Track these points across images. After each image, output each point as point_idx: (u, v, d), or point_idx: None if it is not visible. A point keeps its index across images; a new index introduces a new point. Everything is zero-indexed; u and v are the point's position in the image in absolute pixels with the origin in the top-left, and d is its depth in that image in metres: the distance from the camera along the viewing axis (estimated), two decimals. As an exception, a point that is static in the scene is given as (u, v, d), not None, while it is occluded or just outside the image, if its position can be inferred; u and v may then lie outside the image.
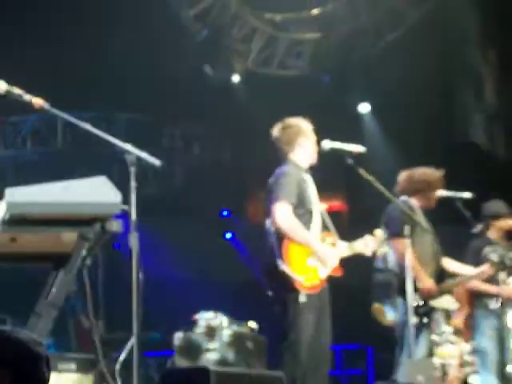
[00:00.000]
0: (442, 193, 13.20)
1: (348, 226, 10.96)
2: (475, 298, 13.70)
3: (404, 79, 21.88)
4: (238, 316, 13.51)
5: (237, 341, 13.03)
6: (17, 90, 9.25)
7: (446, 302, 12.16)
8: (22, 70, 9.67)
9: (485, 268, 12.98)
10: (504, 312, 13.78)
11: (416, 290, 11.37)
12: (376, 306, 11.77)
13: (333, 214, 11.22)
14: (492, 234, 13.80)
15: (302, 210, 10.09)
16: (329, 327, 10.52)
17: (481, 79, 23.48)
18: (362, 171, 11.41)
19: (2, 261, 9.13)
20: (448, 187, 13.18)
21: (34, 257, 9.27)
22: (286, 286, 9.90)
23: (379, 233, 11.60)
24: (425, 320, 11.72)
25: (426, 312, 11.67)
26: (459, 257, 13.83)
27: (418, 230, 11.71)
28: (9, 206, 8.60)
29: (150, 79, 21.37)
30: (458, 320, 13.87)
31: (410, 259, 11.21)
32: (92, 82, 20.20)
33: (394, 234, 11.43)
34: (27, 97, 9.24)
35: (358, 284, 14.83)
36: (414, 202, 11.50)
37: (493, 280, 13.65)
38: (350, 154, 11.12)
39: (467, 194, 13.35)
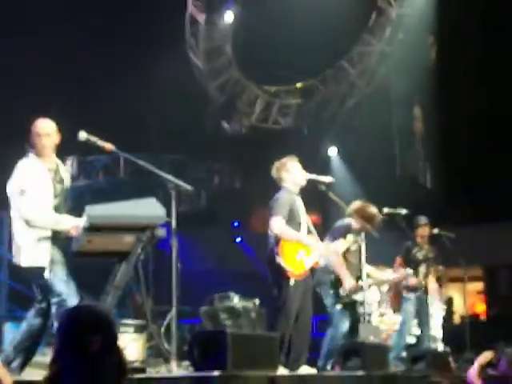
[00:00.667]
0: (387, 210, 12.80)
1: (321, 233, 10.62)
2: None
3: (360, 131, 21.57)
4: (246, 295, 13.24)
5: (245, 312, 12.93)
6: (93, 138, 9.01)
7: (361, 295, 11.86)
8: (93, 121, 9.31)
9: (394, 277, 12.87)
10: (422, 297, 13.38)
11: (341, 285, 11.29)
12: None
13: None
14: (418, 238, 13.36)
15: (293, 222, 9.77)
16: (310, 303, 10.17)
17: (412, 132, 23.25)
18: (330, 194, 11.33)
19: (81, 256, 8.93)
20: (391, 206, 12.81)
21: (104, 253, 9.01)
22: (280, 274, 9.73)
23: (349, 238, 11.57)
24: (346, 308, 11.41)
25: (347, 301, 11.28)
26: (397, 253, 13.64)
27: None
28: (87, 218, 8.50)
29: (185, 131, 20.99)
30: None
31: (338, 262, 11.36)
32: (143, 131, 19.77)
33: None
34: (100, 142, 8.97)
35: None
36: (355, 224, 11.11)
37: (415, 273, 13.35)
38: (322, 183, 10.88)
39: (404, 211, 12.98)
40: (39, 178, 8.67)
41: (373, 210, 11.77)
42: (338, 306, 11.42)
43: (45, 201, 8.65)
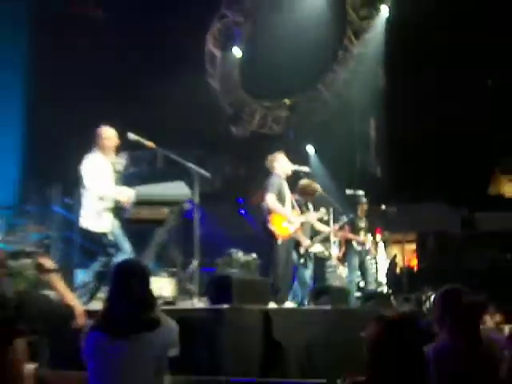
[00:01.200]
0: (349, 192, 12.92)
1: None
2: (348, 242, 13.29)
3: (331, 135, 21.57)
4: (247, 251, 13.23)
5: (246, 263, 12.97)
6: (140, 138, 8.99)
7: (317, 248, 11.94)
8: (140, 126, 9.34)
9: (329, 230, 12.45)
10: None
11: (300, 245, 11.25)
12: None
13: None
14: (359, 212, 13.24)
15: (281, 199, 9.87)
16: (292, 257, 10.36)
17: (368, 137, 23.21)
18: (309, 179, 11.67)
19: (132, 222, 9.12)
20: (352, 189, 12.86)
21: (148, 220, 9.06)
22: (271, 236, 9.77)
23: (322, 211, 11.39)
24: (307, 259, 11.35)
25: (306, 255, 11.23)
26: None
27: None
28: (136, 195, 8.82)
29: (205, 133, 21.01)
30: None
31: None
32: (175, 133, 19.74)
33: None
34: (144, 141, 8.90)
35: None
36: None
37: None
38: (302, 171, 11.04)
39: (361, 192, 13.03)
40: (103, 167, 8.82)
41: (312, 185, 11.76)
42: (301, 260, 11.44)
43: (108, 182, 8.76)
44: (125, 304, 4.10)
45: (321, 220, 11.91)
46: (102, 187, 8.74)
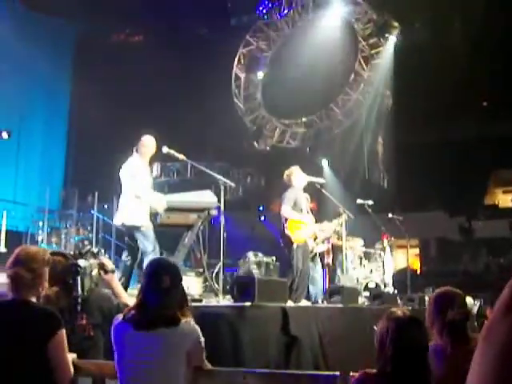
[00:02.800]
0: (359, 201, 12.73)
1: (316, 215, 10.63)
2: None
3: (343, 150, 21.52)
4: (267, 253, 13.09)
5: (266, 265, 12.81)
6: (172, 151, 8.99)
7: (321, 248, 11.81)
8: (172, 140, 9.32)
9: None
10: None
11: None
12: None
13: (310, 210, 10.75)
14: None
15: (297, 208, 9.81)
16: (308, 260, 10.21)
17: (376, 152, 23.09)
18: (323, 190, 11.30)
19: (163, 227, 9.03)
20: (362, 198, 12.68)
21: (177, 225, 8.92)
22: (288, 240, 9.59)
23: (335, 222, 11.27)
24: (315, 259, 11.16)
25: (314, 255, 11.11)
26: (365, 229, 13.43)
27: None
28: (167, 202, 8.36)
29: (230, 147, 21.11)
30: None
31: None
32: (203, 147, 19.80)
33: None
34: (176, 154, 8.94)
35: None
36: None
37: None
38: (317, 183, 10.86)
39: (370, 202, 12.83)
40: (142, 170, 8.82)
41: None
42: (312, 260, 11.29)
43: (146, 184, 8.76)
44: (155, 298, 3.99)
45: (334, 231, 11.86)
46: (140, 186, 8.72)
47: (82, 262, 4.80)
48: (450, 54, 19.52)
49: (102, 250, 5.23)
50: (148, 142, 9.09)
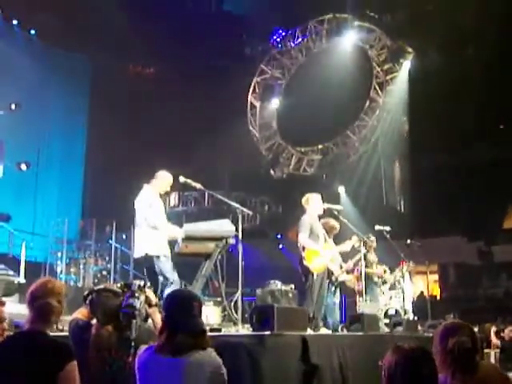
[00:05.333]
0: (377, 227, 12.60)
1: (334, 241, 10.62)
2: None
3: (360, 176, 21.53)
4: (285, 281, 13.00)
5: (285, 293, 12.63)
6: (189, 180, 9.01)
7: (345, 277, 11.80)
8: (189, 171, 9.37)
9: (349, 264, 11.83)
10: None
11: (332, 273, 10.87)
12: None
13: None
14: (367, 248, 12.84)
15: (313, 235, 9.66)
16: (326, 289, 10.13)
17: (393, 177, 23.05)
18: (341, 217, 11.05)
19: (181, 256, 9.06)
20: (380, 224, 12.60)
21: (195, 254, 8.94)
22: (307, 270, 9.51)
23: (354, 239, 11.15)
24: (336, 287, 11.36)
25: (336, 283, 11.25)
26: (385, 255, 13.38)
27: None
28: (185, 232, 8.39)
29: (246, 176, 21.16)
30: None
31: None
32: (219, 176, 19.86)
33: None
34: (193, 183, 8.95)
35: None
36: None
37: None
38: (335, 209, 10.75)
39: (388, 228, 12.71)
40: (157, 201, 8.82)
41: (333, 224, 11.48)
42: (332, 288, 11.21)
43: (162, 216, 8.78)
44: (187, 323, 4.04)
45: (353, 247, 11.76)
46: (157, 216, 8.71)
47: (135, 303, 4.76)
48: (465, 78, 19.54)
49: (147, 283, 5.17)
50: (166, 177, 9.11)
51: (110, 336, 4.61)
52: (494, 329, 14.60)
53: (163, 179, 9.08)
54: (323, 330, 9.64)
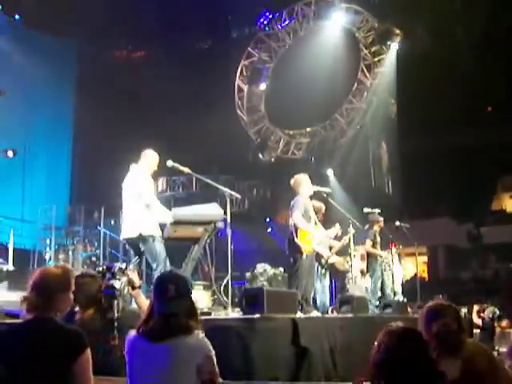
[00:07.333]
0: (366, 210, 12.68)
1: (323, 223, 10.63)
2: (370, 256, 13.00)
3: (348, 159, 21.55)
4: (274, 265, 13.04)
5: (274, 276, 12.74)
6: (176, 164, 8.90)
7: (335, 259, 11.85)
8: (176, 154, 9.28)
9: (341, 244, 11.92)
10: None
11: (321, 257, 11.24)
12: None
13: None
14: (377, 227, 12.99)
15: (306, 216, 9.61)
16: (314, 270, 10.24)
17: (381, 159, 23.09)
18: (329, 199, 11.21)
19: (170, 240, 8.82)
20: (369, 207, 12.64)
21: (184, 239, 8.92)
22: (297, 250, 9.50)
23: (337, 226, 11.14)
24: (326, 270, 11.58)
25: (326, 266, 11.44)
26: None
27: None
28: (173, 216, 8.33)
29: (235, 160, 21.08)
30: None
31: None
32: (208, 160, 19.71)
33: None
34: (181, 168, 8.88)
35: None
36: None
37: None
38: (323, 192, 10.78)
39: (377, 210, 12.80)
40: (149, 180, 8.72)
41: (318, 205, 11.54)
42: (322, 270, 11.40)
43: (154, 195, 8.76)
44: (161, 306, 3.99)
45: (335, 235, 11.78)
46: (149, 195, 8.60)
47: (115, 283, 4.76)
48: (453, 61, 19.53)
49: (130, 266, 5.18)
50: (150, 155, 8.99)
51: (93, 320, 4.59)
52: (476, 308, 14.85)
53: (150, 157, 8.92)
54: (313, 313, 9.65)
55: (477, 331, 14.27)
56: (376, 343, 3.48)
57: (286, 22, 22.37)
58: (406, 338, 3.43)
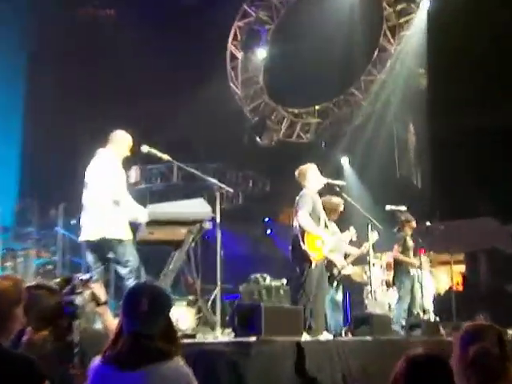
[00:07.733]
0: (389, 207, 12.68)
1: (337, 224, 10.72)
2: (398, 265, 13.09)
3: (366, 144, 21.55)
4: (275, 275, 13.13)
5: (274, 289, 12.81)
6: (153, 150, 8.90)
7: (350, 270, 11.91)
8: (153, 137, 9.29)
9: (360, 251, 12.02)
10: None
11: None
12: None
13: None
14: (408, 230, 13.04)
15: (314, 216, 9.59)
16: (326, 282, 10.21)
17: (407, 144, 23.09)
18: (344, 194, 11.30)
19: (144, 244, 9.06)
20: (392, 203, 12.67)
21: (163, 242, 8.99)
22: (304, 258, 9.55)
23: (352, 230, 11.25)
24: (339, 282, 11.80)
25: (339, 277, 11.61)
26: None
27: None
28: (149, 214, 8.51)
29: (226, 144, 21.02)
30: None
31: None
32: (192, 144, 19.74)
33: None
34: (159, 154, 8.84)
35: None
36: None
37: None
38: (337, 185, 10.75)
39: (403, 208, 12.83)
40: (119, 170, 8.68)
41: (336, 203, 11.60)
42: (334, 283, 11.48)
43: (124, 189, 8.69)
44: (131, 324, 3.96)
45: (350, 241, 11.79)
46: (120, 189, 8.55)
47: (77, 300, 4.72)
48: (497, 21, 19.45)
49: (94, 277, 5.16)
50: (123, 138, 8.96)
51: (45, 343, 4.56)
52: None
53: (122, 140, 8.89)
54: (323, 335, 9.66)
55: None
56: (393, 373, 3.52)
57: (291, -27, 22.40)
58: (427, 366, 3.48)
